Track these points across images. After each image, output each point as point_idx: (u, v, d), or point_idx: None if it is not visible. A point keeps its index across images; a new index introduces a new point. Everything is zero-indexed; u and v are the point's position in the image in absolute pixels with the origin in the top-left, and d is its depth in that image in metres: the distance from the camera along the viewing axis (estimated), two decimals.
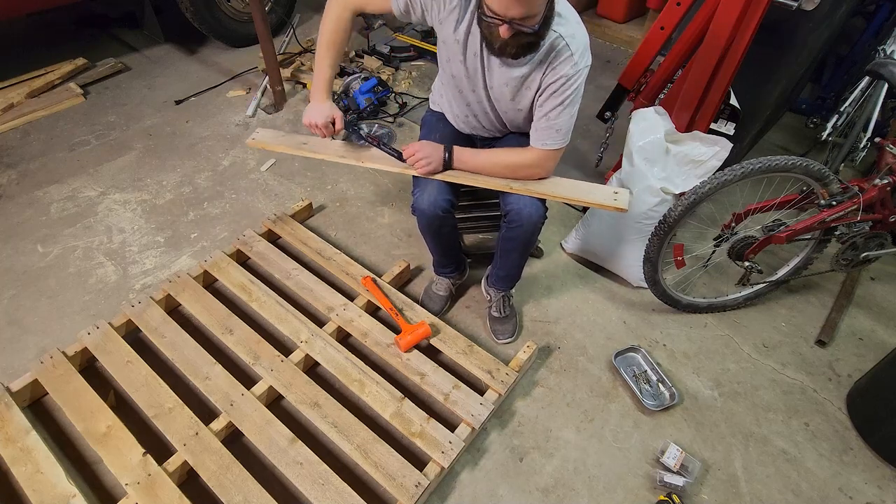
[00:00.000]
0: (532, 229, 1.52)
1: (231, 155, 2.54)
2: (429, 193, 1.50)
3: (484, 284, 1.94)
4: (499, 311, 1.82)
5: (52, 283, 1.91)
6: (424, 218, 1.55)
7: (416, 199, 1.53)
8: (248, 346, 1.64)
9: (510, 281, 1.81)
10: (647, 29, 2.36)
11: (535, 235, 1.58)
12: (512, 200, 1.50)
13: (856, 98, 2.46)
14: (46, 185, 2.30)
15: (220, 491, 1.33)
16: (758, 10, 1.63)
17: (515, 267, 1.74)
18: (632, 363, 1.78)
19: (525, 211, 1.48)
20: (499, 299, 1.82)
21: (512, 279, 1.80)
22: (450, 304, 1.92)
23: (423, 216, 1.54)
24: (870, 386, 1.68)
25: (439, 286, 1.88)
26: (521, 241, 1.58)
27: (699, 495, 1.49)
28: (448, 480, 1.47)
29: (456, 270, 1.88)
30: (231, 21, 3.18)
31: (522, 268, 1.77)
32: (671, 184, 1.75)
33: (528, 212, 1.48)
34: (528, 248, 1.64)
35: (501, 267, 1.74)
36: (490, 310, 1.85)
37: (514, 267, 1.73)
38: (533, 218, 1.49)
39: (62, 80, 2.87)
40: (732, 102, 1.98)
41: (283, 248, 1.99)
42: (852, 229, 1.70)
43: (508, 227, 1.54)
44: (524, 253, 1.67)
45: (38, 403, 1.57)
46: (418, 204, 1.52)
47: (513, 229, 1.53)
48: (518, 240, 1.57)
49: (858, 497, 1.51)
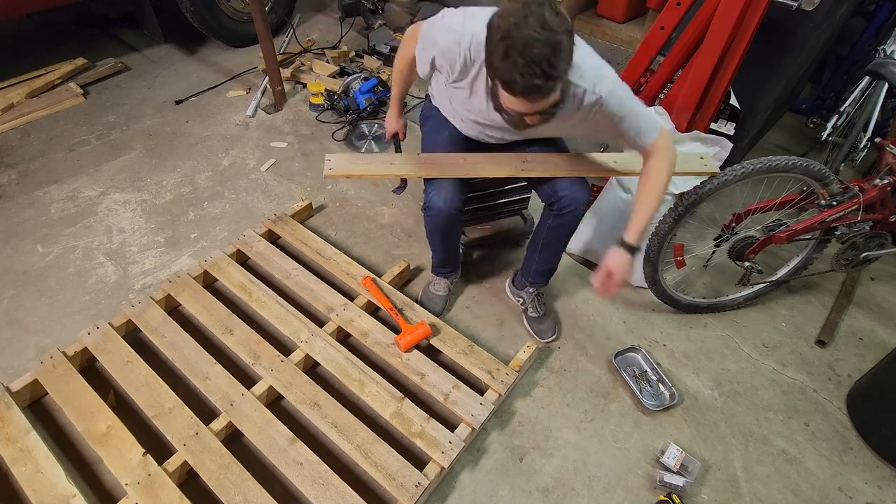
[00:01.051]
0: (582, 213, 1.54)
1: (231, 155, 2.54)
2: (445, 191, 1.49)
3: (511, 289, 1.93)
4: (536, 310, 1.81)
5: (52, 283, 1.91)
6: (440, 217, 1.53)
7: (431, 197, 1.50)
8: (248, 346, 1.64)
9: (549, 274, 1.80)
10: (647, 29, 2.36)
11: (579, 221, 1.58)
12: (563, 188, 1.50)
13: (856, 98, 2.46)
14: (46, 185, 2.30)
15: (220, 491, 1.33)
16: (758, 10, 1.63)
17: (557, 257, 1.72)
18: (632, 363, 1.78)
19: (577, 195, 1.49)
20: (533, 298, 1.81)
21: (551, 272, 1.79)
22: (450, 304, 1.92)
23: (440, 215, 1.52)
24: (870, 386, 1.68)
25: (438, 286, 1.88)
26: (570, 229, 1.59)
27: (699, 495, 1.49)
28: (448, 480, 1.47)
29: (454, 270, 1.88)
30: (231, 21, 3.18)
31: (560, 258, 1.75)
32: (671, 184, 1.75)
33: (579, 196, 1.49)
34: (571, 234, 1.64)
35: (542, 261, 1.72)
36: (527, 311, 1.83)
37: (556, 257, 1.72)
38: (583, 200, 1.50)
39: (62, 80, 2.87)
40: (732, 102, 1.98)
41: (283, 248, 1.99)
42: (852, 229, 1.70)
43: (558, 214, 1.53)
44: (567, 241, 1.66)
45: (38, 403, 1.57)
46: (434, 202, 1.50)
47: (563, 216, 1.53)
48: (567, 227, 1.58)
49: (858, 497, 1.51)
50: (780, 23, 1.90)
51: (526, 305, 1.84)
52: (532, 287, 1.82)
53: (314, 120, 2.78)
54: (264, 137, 2.65)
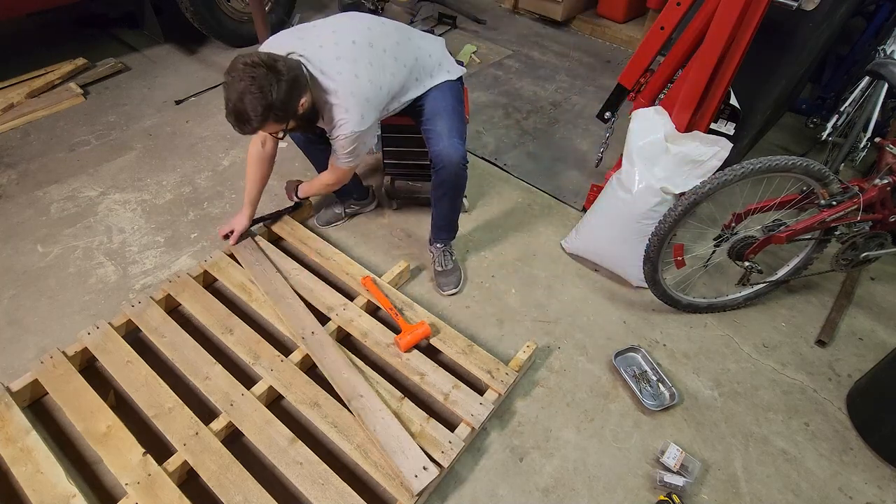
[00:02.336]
0: (455, 170, 1.67)
1: (231, 155, 2.54)
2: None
3: (428, 247, 2.05)
4: (441, 265, 1.96)
5: (52, 283, 1.91)
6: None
7: None
8: (248, 345, 1.64)
9: (447, 231, 1.95)
10: (647, 29, 2.36)
11: (461, 179, 1.73)
12: (434, 145, 1.67)
13: (856, 98, 2.46)
14: (46, 185, 2.30)
15: (220, 491, 1.33)
16: (758, 10, 1.63)
17: (448, 215, 1.88)
18: (632, 363, 1.79)
19: (445, 153, 1.65)
20: (440, 254, 1.96)
21: (448, 229, 1.95)
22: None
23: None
24: (870, 386, 1.68)
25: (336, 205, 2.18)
26: (449, 185, 1.73)
27: (699, 495, 1.49)
28: (448, 480, 1.47)
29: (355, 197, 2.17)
30: (231, 21, 3.18)
31: (456, 217, 1.92)
32: (671, 184, 1.75)
33: (447, 153, 1.64)
34: (457, 193, 1.80)
35: (436, 216, 1.89)
36: (434, 265, 1.98)
37: (447, 215, 1.88)
38: (454, 158, 1.65)
39: (62, 80, 2.87)
40: (732, 102, 1.98)
41: (283, 248, 1.99)
42: (852, 229, 1.71)
43: (435, 172, 1.70)
44: (454, 199, 1.82)
45: (38, 403, 1.57)
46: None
47: (438, 173, 1.69)
48: (446, 184, 1.72)
49: (858, 497, 1.51)
50: (780, 23, 1.90)
51: (434, 259, 1.98)
52: (438, 243, 1.96)
53: None
54: None
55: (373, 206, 2.27)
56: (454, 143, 1.66)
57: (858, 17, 2.70)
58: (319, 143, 1.91)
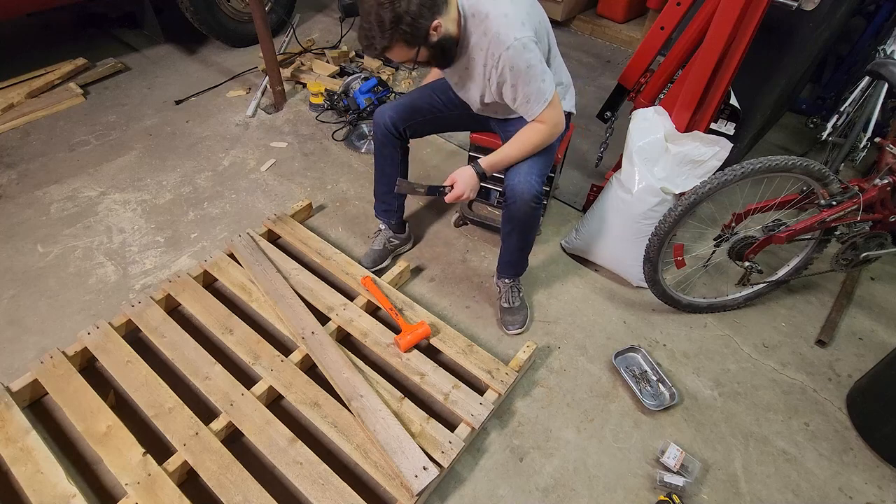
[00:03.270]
0: (525, 208, 1.56)
1: (231, 155, 2.54)
2: (391, 108, 1.71)
3: (495, 278, 1.95)
4: (508, 301, 1.85)
5: (52, 283, 1.91)
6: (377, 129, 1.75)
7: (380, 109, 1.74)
8: (248, 346, 1.64)
9: (513, 268, 1.84)
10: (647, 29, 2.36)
11: (532, 218, 1.62)
12: (509, 178, 1.57)
13: (856, 98, 2.46)
14: (46, 185, 2.30)
15: (220, 491, 1.33)
16: (758, 10, 1.63)
17: (517, 251, 1.77)
18: (632, 363, 1.79)
19: (518, 188, 1.54)
20: (507, 290, 1.85)
21: (515, 266, 1.83)
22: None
23: (377, 126, 1.75)
24: (870, 386, 1.68)
25: (376, 240, 1.99)
26: (518, 222, 1.63)
27: (699, 495, 1.49)
28: (448, 480, 1.47)
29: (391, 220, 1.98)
30: (231, 21, 3.18)
31: (525, 254, 1.81)
32: (671, 184, 1.75)
33: (520, 189, 1.54)
34: (527, 230, 1.68)
35: (504, 251, 1.78)
36: (500, 301, 1.88)
37: (515, 251, 1.77)
38: (525, 196, 1.54)
39: (62, 80, 2.87)
40: (732, 102, 1.98)
41: (283, 248, 1.99)
42: (852, 229, 1.71)
43: (506, 205, 1.61)
44: (524, 235, 1.70)
45: (38, 403, 1.57)
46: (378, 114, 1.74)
47: (509, 207, 1.60)
48: (514, 220, 1.63)
49: (858, 497, 1.51)
50: (780, 23, 1.90)
51: (501, 295, 1.88)
52: (506, 278, 1.86)
53: (314, 120, 2.78)
54: (264, 137, 2.65)
55: (409, 245, 2.11)
56: (531, 179, 1.54)
57: (858, 17, 2.70)
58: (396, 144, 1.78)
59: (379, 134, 1.76)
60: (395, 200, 1.95)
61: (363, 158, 2.57)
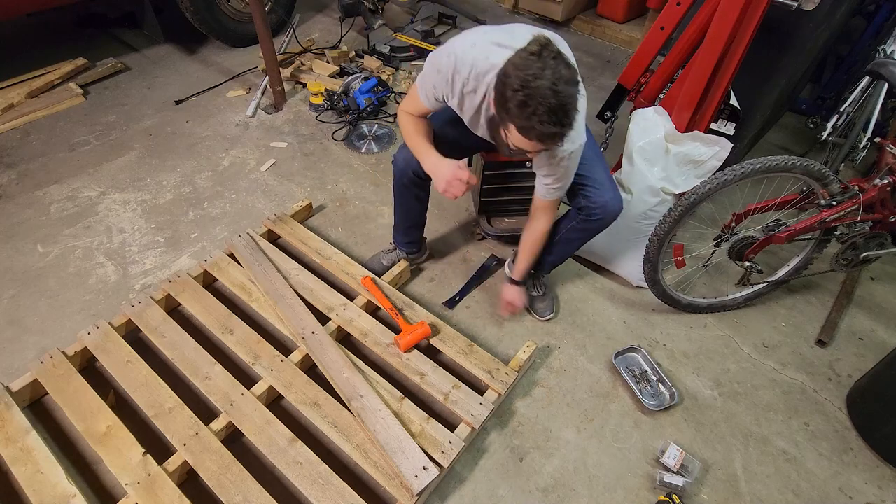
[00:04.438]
0: (609, 221, 1.60)
1: (231, 155, 2.54)
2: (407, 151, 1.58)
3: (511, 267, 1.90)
4: (536, 289, 1.91)
5: (52, 283, 1.91)
6: (398, 172, 1.66)
7: (399, 152, 1.64)
8: (248, 346, 1.64)
9: (555, 265, 1.89)
10: (647, 29, 2.36)
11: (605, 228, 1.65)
12: (597, 196, 1.56)
13: (856, 98, 2.46)
14: (46, 185, 2.30)
15: (220, 491, 1.33)
16: (758, 10, 1.63)
17: (569, 254, 1.82)
18: (632, 363, 1.78)
19: (610, 205, 1.56)
20: (538, 281, 1.91)
21: (557, 265, 1.89)
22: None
23: (397, 170, 1.65)
24: (870, 386, 1.68)
25: (388, 257, 1.96)
26: (591, 232, 1.66)
27: (699, 495, 1.49)
28: (448, 480, 1.47)
29: (413, 250, 1.97)
30: (231, 21, 3.17)
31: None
32: (671, 184, 1.75)
33: (612, 206, 1.56)
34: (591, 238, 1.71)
35: (556, 253, 1.79)
36: (528, 291, 1.90)
37: (569, 254, 1.82)
38: (616, 210, 1.57)
39: (62, 80, 2.87)
40: (732, 102, 1.98)
41: (283, 248, 1.99)
42: (852, 229, 1.70)
43: (587, 219, 1.60)
44: (585, 243, 1.75)
45: (38, 403, 1.57)
46: (398, 157, 1.64)
47: (593, 221, 1.60)
48: (592, 231, 1.65)
49: (858, 497, 1.51)
50: (780, 23, 1.90)
51: (527, 285, 1.88)
52: (535, 271, 1.88)
53: (314, 120, 2.78)
54: (264, 137, 2.65)
55: (424, 257, 2.08)
56: (618, 196, 1.57)
57: (858, 17, 2.70)
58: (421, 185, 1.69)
59: (404, 179, 1.66)
60: (418, 232, 1.93)
61: (363, 158, 2.57)
